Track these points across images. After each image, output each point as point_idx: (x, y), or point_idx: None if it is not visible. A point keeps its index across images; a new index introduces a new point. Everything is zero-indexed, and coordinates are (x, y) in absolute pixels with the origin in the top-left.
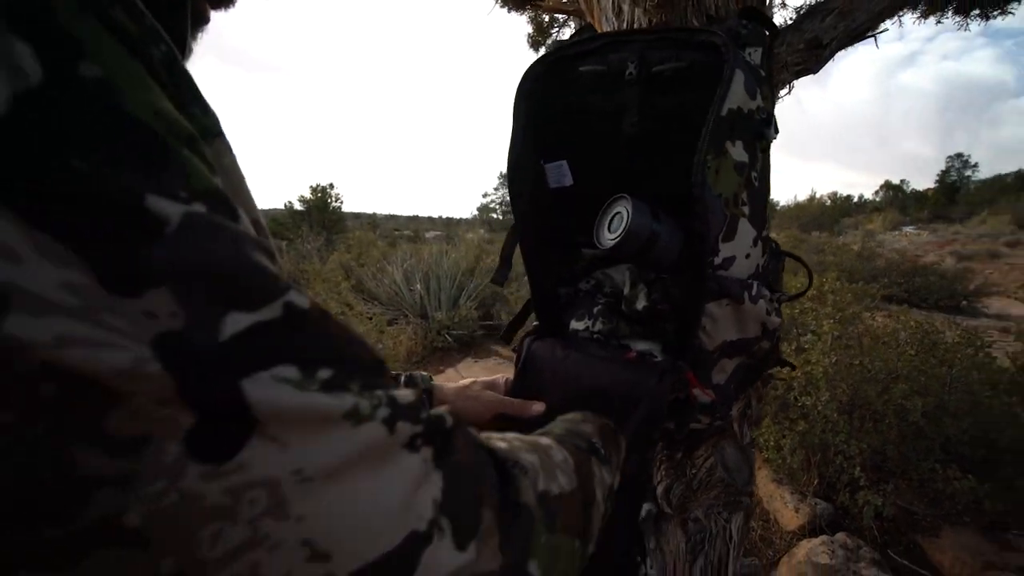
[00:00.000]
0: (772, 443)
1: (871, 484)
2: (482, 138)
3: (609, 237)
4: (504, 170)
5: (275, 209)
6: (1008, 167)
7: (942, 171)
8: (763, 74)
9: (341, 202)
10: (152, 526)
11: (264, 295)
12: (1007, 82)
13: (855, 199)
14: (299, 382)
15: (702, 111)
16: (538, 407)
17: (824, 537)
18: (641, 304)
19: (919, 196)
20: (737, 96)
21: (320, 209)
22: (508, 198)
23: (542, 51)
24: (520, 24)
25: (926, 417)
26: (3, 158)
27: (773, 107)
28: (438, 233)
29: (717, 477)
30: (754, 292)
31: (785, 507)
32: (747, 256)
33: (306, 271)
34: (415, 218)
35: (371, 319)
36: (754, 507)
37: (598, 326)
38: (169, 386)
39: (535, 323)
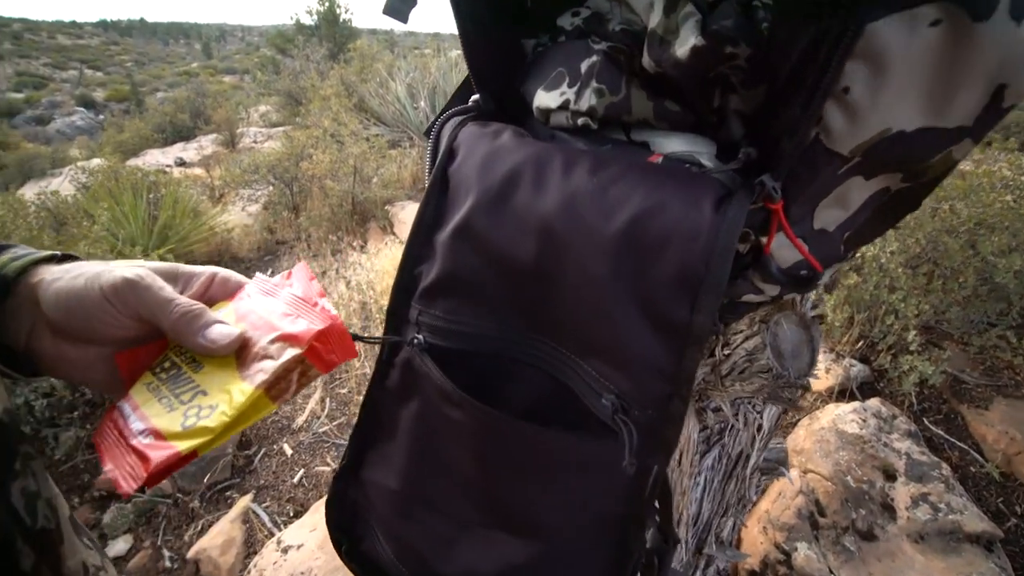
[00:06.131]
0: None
1: (921, 348)
2: None
3: None
4: None
5: (283, 25)
6: None
7: None
8: None
9: (351, 14)
10: None
11: None
12: None
13: None
14: None
15: None
16: (220, 337)
17: (856, 404)
18: (686, 46)
19: None
20: None
21: (330, 23)
22: None
23: None
24: None
25: (1018, 277)
26: None
27: None
28: (460, 52)
29: (761, 365)
30: None
31: None
32: None
33: (304, 89)
34: (436, 35)
35: (368, 140)
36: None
37: (589, 99)
38: None
39: (473, 99)
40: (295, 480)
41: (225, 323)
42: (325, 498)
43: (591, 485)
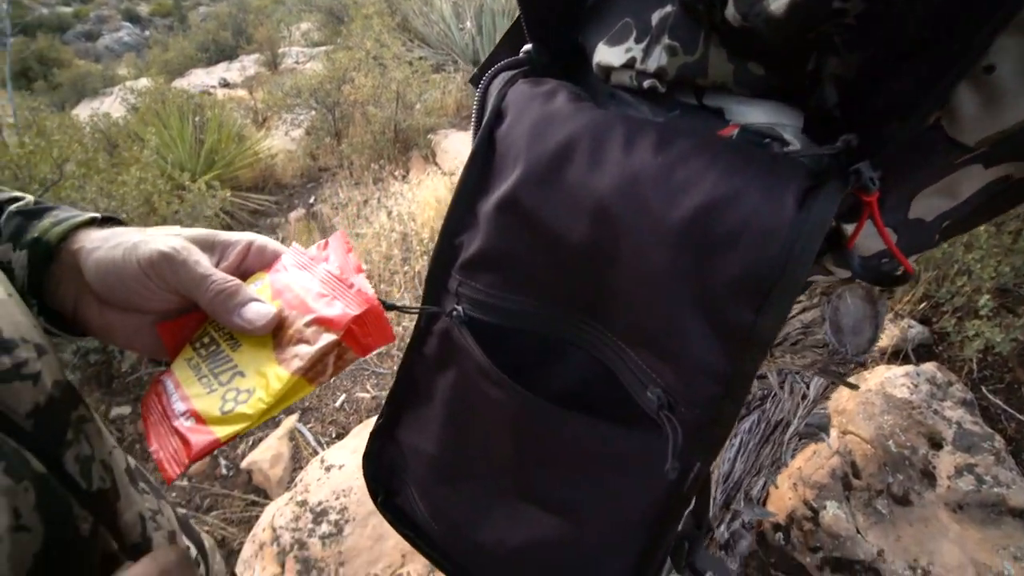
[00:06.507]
0: None
1: (992, 313)
2: None
3: None
4: None
5: None
6: None
7: None
8: None
9: None
10: None
11: None
12: None
13: None
14: None
15: None
16: (256, 317)
17: (909, 368)
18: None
19: None
20: None
21: None
22: None
23: None
24: None
25: None
26: None
27: None
28: None
29: (816, 339)
30: None
31: None
32: None
33: (346, 5)
34: None
35: (411, 63)
36: (854, 371)
37: (659, 58)
38: None
39: (525, 50)
40: (337, 404)
41: (261, 300)
42: (365, 424)
43: (628, 476)
